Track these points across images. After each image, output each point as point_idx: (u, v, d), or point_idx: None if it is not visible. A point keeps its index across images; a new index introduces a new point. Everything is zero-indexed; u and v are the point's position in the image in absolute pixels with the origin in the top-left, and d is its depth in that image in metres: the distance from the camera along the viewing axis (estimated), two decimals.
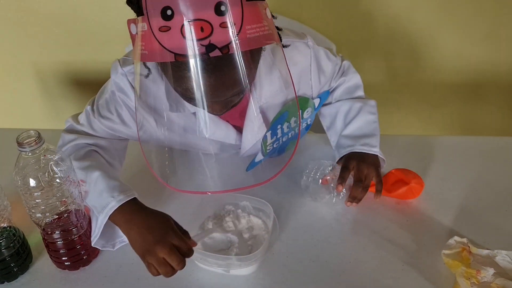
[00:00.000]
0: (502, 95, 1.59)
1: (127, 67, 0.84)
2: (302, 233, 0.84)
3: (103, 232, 0.78)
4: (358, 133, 0.96)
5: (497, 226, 0.84)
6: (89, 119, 0.90)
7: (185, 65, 0.62)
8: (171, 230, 0.70)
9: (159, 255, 0.68)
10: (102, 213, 0.75)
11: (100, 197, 0.76)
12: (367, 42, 1.51)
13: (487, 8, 1.41)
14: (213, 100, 0.71)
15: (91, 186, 0.78)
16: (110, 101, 0.88)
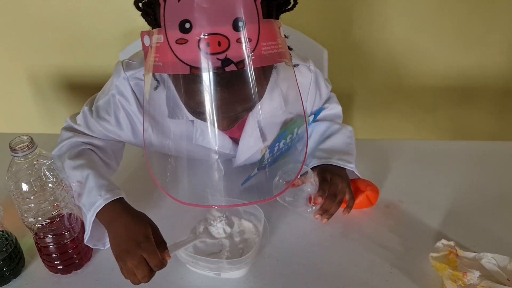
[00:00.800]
0: (492, 100, 1.61)
1: (130, 72, 0.84)
2: (293, 237, 0.85)
3: (95, 231, 0.79)
4: (334, 148, 0.95)
5: (484, 229, 0.85)
6: (86, 120, 0.90)
7: (199, 78, 0.63)
8: (145, 241, 0.70)
9: (128, 264, 0.69)
10: (90, 211, 0.76)
11: (89, 195, 0.78)
12: (358, 48, 1.53)
13: (476, 14, 1.43)
14: (223, 115, 0.71)
15: (82, 185, 0.80)
16: (109, 104, 0.88)
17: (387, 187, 0.96)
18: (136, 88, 0.85)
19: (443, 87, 1.59)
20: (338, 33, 1.50)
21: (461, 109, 1.64)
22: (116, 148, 0.94)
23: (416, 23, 1.47)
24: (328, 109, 1.03)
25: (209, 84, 0.63)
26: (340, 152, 0.93)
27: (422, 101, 1.63)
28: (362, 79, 1.59)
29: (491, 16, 1.44)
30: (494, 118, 1.66)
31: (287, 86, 0.89)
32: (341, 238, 0.85)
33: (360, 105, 1.66)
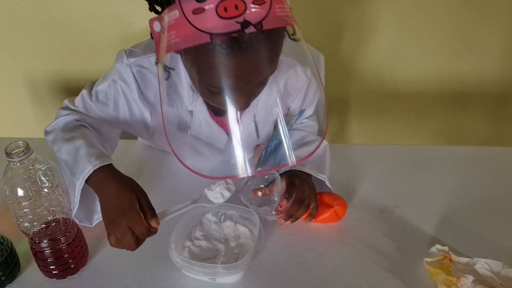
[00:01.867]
0: (486, 105, 1.62)
1: (133, 59, 0.86)
2: (288, 242, 0.86)
3: (82, 207, 0.80)
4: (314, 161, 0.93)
5: (478, 234, 0.86)
6: (84, 103, 0.92)
7: (219, 47, 0.63)
8: (129, 210, 0.70)
9: (115, 233, 0.70)
10: (79, 179, 0.77)
11: (79, 164, 0.78)
12: (354, 53, 1.54)
13: (470, 20, 1.45)
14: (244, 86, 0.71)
15: (71, 156, 0.80)
16: (109, 89, 0.90)
17: (381, 192, 0.97)
18: (138, 75, 0.87)
19: (438, 92, 1.60)
20: (335, 39, 1.51)
21: (456, 114, 1.65)
22: (111, 135, 0.95)
23: (412, 29, 1.48)
24: (305, 125, 1.03)
25: (230, 50, 0.64)
26: (314, 162, 0.92)
27: (417, 106, 1.64)
28: (358, 84, 1.60)
29: (485, 22, 1.45)
30: (489, 123, 1.67)
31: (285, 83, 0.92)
32: (336, 243, 0.85)
33: (356, 110, 1.67)
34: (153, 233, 0.72)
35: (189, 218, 0.84)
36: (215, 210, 0.86)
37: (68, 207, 0.77)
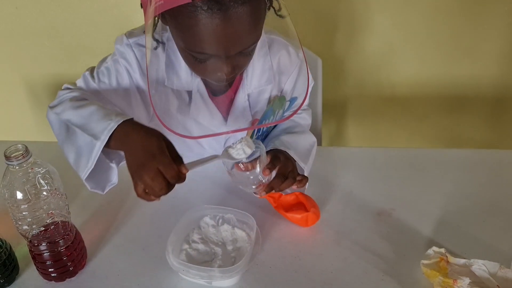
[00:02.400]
0: (483, 108, 1.63)
1: (133, 38, 0.88)
2: (286, 244, 0.86)
3: (95, 174, 0.80)
4: (294, 145, 0.94)
5: (475, 236, 0.86)
6: (87, 83, 0.92)
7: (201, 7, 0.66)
8: (160, 153, 0.70)
9: (144, 178, 0.69)
10: (102, 136, 0.76)
11: (99, 124, 0.77)
12: (352, 57, 1.55)
13: (467, 25, 1.46)
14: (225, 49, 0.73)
15: (88, 119, 0.79)
16: (111, 68, 0.91)
17: (379, 195, 0.97)
18: (139, 54, 0.89)
19: (435, 95, 1.61)
20: (332, 42, 1.52)
21: (453, 117, 1.66)
22: None
23: (409, 32, 1.49)
24: (299, 117, 1.05)
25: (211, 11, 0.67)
26: (299, 151, 0.93)
27: (415, 109, 1.65)
28: (356, 87, 1.61)
29: (482, 26, 1.46)
30: (486, 126, 1.67)
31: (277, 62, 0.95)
32: (333, 245, 0.86)
33: (354, 113, 1.68)
34: (182, 180, 0.71)
35: (187, 221, 0.84)
36: (213, 213, 0.87)
37: (67, 210, 0.77)
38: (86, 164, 0.79)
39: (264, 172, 0.81)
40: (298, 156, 0.91)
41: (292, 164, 0.88)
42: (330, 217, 0.91)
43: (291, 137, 0.97)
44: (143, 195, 0.71)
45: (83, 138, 0.79)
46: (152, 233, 0.87)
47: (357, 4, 1.44)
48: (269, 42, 0.95)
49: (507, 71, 1.55)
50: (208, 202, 0.93)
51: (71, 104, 0.84)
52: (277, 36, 0.97)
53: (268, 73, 0.94)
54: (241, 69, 0.82)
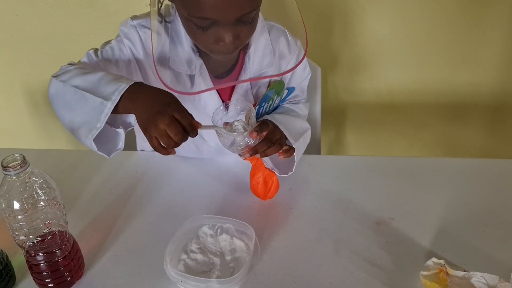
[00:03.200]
0: (482, 116, 1.63)
1: (138, 20, 0.92)
2: (285, 254, 0.85)
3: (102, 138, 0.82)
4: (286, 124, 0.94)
5: (475, 247, 0.86)
6: (90, 59, 0.94)
7: None
8: (174, 103, 0.73)
9: (160, 126, 0.70)
10: (113, 96, 0.77)
11: (108, 87, 0.79)
12: (351, 65, 1.55)
13: (466, 33, 1.47)
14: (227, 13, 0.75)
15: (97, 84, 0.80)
16: (115, 48, 0.94)
17: (378, 204, 0.97)
18: (143, 35, 0.92)
19: (434, 104, 1.61)
20: (332, 51, 1.52)
21: (452, 125, 1.66)
22: None
23: (408, 41, 1.49)
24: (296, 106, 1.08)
25: None
26: (289, 129, 0.94)
27: (414, 117, 1.65)
28: (355, 96, 1.61)
29: (480, 35, 1.47)
30: (486, 134, 1.67)
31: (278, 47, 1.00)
32: (332, 255, 0.85)
33: (353, 121, 1.68)
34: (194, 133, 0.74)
35: (185, 230, 0.84)
36: (211, 223, 0.86)
37: (64, 220, 0.77)
38: (95, 125, 0.80)
39: (251, 134, 0.82)
40: (288, 132, 0.92)
41: (280, 133, 0.90)
42: (329, 227, 0.91)
43: (284, 116, 0.98)
44: (158, 147, 0.73)
45: (92, 100, 0.80)
46: (150, 242, 0.87)
47: (358, 14, 1.45)
48: (268, 27, 0.99)
49: (506, 79, 1.55)
50: (206, 212, 0.92)
51: (78, 71, 0.85)
52: (275, 23, 1.01)
53: (269, 56, 0.98)
54: (242, 42, 0.84)
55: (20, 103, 1.70)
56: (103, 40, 1.51)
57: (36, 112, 1.72)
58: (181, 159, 1.10)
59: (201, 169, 1.07)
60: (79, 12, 1.48)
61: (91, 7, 1.47)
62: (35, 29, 1.53)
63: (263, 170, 0.92)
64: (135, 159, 1.13)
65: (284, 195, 0.98)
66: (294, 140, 0.93)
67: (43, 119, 1.74)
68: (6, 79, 1.65)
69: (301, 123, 1.01)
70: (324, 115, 1.33)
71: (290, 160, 0.94)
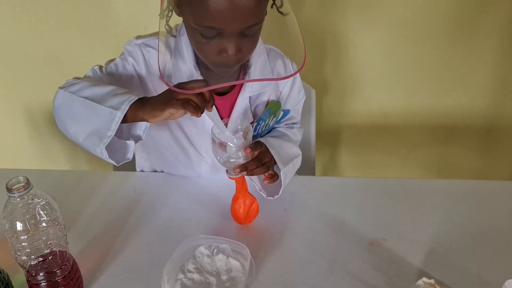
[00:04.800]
0: (474, 138, 1.67)
1: (142, 39, 0.96)
2: (279, 274, 0.87)
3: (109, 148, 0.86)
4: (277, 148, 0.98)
5: (464, 267, 0.88)
6: (95, 74, 0.98)
7: None
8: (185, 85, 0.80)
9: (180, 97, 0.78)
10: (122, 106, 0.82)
11: (117, 98, 0.83)
12: (345, 88, 1.59)
13: (456, 57, 1.51)
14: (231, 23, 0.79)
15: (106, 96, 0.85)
16: (119, 65, 0.98)
17: (371, 225, 0.99)
18: (147, 54, 0.96)
19: (427, 125, 1.64)
20: (326, 74, 1.56)
21: (445, 147, 1.69)
22: None
23: (400, 65, 1.54)
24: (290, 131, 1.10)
25: None
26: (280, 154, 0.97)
27: (407, 139, 1.68)
28: (349, 118, 1.65)
29: (471, 58, 1.51)
30: (478, 156, 1.71)
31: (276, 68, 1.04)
32: (326, 275, 0.87)
33: (347, 143, 1.71)
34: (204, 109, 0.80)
35: (182, 250, 0.86)
36: (208, 243, 0.88)
37: (65, 240, 0.78)
38: (105, 133, 0.84)
39: (245, 149, 0.86)
40: (279, 157, 0.95)
41: (271, 157, 0.94)
42: (323, 247, 0.93)
43: (276, 140, 1.02)
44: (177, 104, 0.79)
45: (101, 110, 0.84)
46: (148, 262, 0.89)
47: (350, 37, 1.49)
48: (267, 50, 1.03)
49: (496, 102, 1.59)
50: (203, 232, 0.94)
51: (86, 83, 0.89)
52: (273, 47, 1.06)
53: (268, 76, 1.02)
54: (244, 56, 0.88)
55: (20, 123, 1.73)
56: (103, 62, 1.55)
57: (36, 132, 1.75)
58: (178, 180, 1.12)
59: (198, 190, 1.09)
60: (79, 35, 1.52)
61: (92, 30, 1.51)
62: (37, 51, 1.56)
63: (245, 196, 0.94)
64: (134, 180, 1.15)
65: (279, 216, 1.00)
66: (283, 165, 0.96)
67: (43, 139, 1.76)
68: (8, 99, 1.68)
69: (292, 149, 1.04)
70: (319, 136, 1.36)
71: (277, 183, 0.98)
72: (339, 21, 1.46)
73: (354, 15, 1.46)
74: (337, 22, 1.47)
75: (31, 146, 1.78)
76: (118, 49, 1.52)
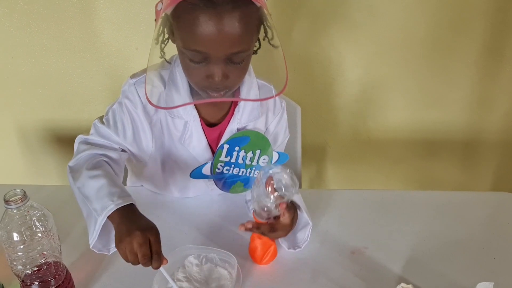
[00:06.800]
0: (454, 152, 1.73)
1: (135, 78, 0.99)
2: (265, 282, 0.91)
3: (101, 237, 0.88)
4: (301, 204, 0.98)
5: (441, 273, 0.92)
6: (98, 131, 1.01)
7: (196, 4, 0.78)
8: (155, 231, 0.81)
9: (133, 242, 0.78)
10: (101, 215, 0.85)
11: (101, 201, 0.86)
12: (329, 104, 1.64)
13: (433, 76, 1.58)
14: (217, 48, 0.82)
15: (94, 193, 0.88)
16: (117, 112, 1.01)
17: (353, 234, 1.03)
18: (141, 92, 0.99)
19: (409, 140, 1.70)
20: (311, 91, 1.62)
21: (426, 160, 1.75)
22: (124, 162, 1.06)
23: (381, 82, 1.60)
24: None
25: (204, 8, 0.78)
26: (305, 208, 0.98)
27: (390, 153, 1.73)
28: (334, 133, 1.70)
29: (448, 77, 1.59)
30: (457, 169, 1.76)
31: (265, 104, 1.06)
32: (310, 283, 0.91)
33: (332, 157, 1.76)
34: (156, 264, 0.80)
35: (172, 260, 0.88)
36: (197, 253, 0.92)
37: (59, 251, 0.82)
38: (92, 232, 0.88)
39: (281, 205, 0.88)
40: (307, 213, 0.97)
41: (291, 226, 0.93)
42: (307, 256, 0.97)
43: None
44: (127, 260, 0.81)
45: (88, 208, 0.89)
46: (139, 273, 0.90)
47: (334, 56, 1.55)
48: (260, 85, 1.05)
49: (473, 117, 1.66)
50: (192, 243, 0.98)
51: (85, 173, 0.92)
52: (266, 83, 1.06)
53: (257, 110, 1.05)
54: (231, 83, 0.89)
55: (12, 141, 1.75)
56: (95, 81, 1.60)
57: (28, 150, 1.77)
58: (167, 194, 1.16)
59: (187, 203, 1.13)
60: (72, 55, 1.56)
61: (84, 50, 1.55)
62: (30, 71, 1.60)
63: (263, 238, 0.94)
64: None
65: None
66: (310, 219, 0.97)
67: (35, 156, 1.79)
68: (1, 117, 1.71)
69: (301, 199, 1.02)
70: (305, 151, 1.41)
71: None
72: (324, 40, 1.53)
73: (338, 36, 1.52)
74: (322, 41, 1.53)
75: (24, 163, 1.80)
76: (110, 70, 1.58)
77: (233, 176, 1.03)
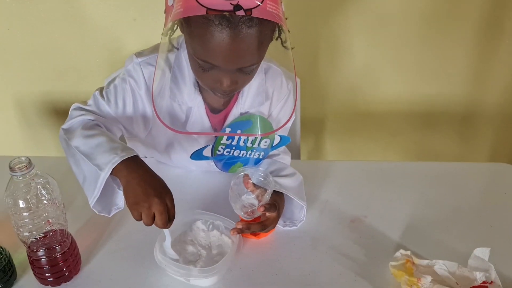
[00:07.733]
0: (451, 125, 1.74)
1: (142, 58, 0.97)
2: (266, 250, 0.93)
3: (101, 198, 0.86)
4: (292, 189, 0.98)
5: (438, 240, 0.95)
6: (97, 103, 0.99)
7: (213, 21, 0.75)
8: (169, 193, 0.80)
9: (152, 209, 0.77)
10: (105, 169, 0.82)
11: (103, 156, 0.84)
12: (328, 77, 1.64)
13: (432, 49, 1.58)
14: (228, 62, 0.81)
15: (94, 150, 0.86)
16: (119, 87, 0.99)
17: (353, 204, 1.05)
18: (147, 72, 0.97)
19: (407, 112, 1.71)
20: (312, 64, 1.61)
21: (424, 132, 1.76)
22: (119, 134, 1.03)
23: (382, 54, 1.59)
24: (279, 158, 1.10)
25: (220, 26, 0.75)
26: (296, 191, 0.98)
27: (388, 125, 1.74)
28: (333, 105, 1.70)
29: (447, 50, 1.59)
30: (454, 141, 1.78)
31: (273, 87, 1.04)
32: (310, 250, 0.93)
33: (331, 130, 1.77)
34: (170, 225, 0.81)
35: (181, 222, 0.90)
36: (205, 219, 0.93)
37: (64, 219, 0.83)
38: (92, 191, 0.86)
39: (259, 208, 0.89)
40: (298, 197, 0.96)
41: (278, 218, 0.93)
42: (307, 224, 0.98)
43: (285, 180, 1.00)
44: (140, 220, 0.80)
45: (89, 166, 0.86)
46: (143, 239, 0.92)
47: (334, 29, 1.54)
48: (266, 68, 1.02)
49: (471, 90, 1.67)
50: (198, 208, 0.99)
51: (81, 132, 0.90)
52: (273, 65, 1.05)
53: (262, 95, 1.02)
54: (240, 87, 0.90)
55: (10, 113, 1.74)
56: (93, 53, 1.59)
57: (26, 123, 1.77)
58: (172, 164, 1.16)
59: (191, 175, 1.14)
60: (69, 27, 1.54)
61: (81, 22, 1.53)
62: (27, 43, 1.58)
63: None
64: None
65: None
66: (303, 202, 0.96)
67: (33, 129, 1.78)
68: None
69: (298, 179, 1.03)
70: (304, 123, 1.41)
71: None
72: (324, 14, 1.51)
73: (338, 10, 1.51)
74: (322, 15, 1.52)
75: (22, 136, 1.80)
76: (106, 42, 1.56)
77: (233, 157, 1.03)
